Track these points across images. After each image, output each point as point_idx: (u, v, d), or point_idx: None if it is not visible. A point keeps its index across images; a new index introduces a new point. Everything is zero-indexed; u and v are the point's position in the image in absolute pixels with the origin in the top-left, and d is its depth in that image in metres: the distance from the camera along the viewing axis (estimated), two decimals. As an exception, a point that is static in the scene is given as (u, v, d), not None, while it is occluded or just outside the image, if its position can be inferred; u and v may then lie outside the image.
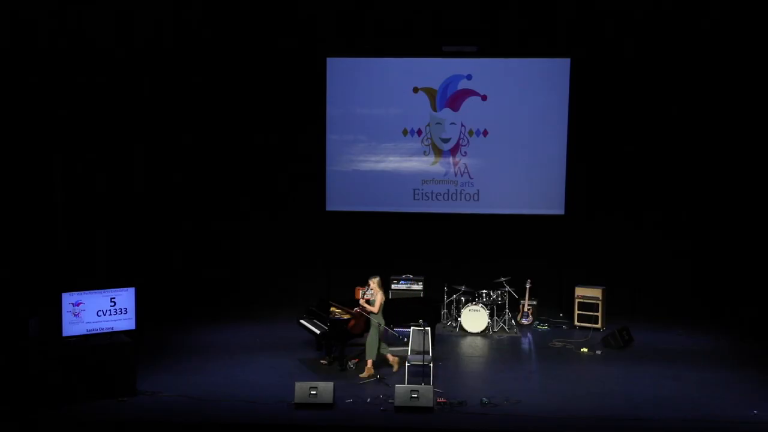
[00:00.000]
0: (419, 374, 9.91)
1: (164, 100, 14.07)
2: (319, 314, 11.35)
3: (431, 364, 9.98)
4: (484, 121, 14.75)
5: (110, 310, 9.69)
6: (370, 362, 10.54)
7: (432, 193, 14.93)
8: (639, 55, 13.98)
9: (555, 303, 14.75)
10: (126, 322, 9.80)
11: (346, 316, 10.96)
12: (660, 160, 14.26)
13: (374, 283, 10.56)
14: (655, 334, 13.06)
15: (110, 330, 9.70)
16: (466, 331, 12.99)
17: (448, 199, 14.90)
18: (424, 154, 14.91)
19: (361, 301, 10.56)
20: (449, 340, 12.60)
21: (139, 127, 13.63)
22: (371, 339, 10.56)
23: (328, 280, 14.84)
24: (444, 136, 14.85)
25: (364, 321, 10.68)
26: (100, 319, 9.63)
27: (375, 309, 10.47)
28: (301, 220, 14.92)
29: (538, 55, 14.50)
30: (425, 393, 9.12)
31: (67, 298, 9.46)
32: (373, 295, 10.56)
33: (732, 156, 13.92)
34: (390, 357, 10.82)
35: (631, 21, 13.50)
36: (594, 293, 13.45)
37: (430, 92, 14.83)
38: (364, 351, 11.32)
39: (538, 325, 13.69)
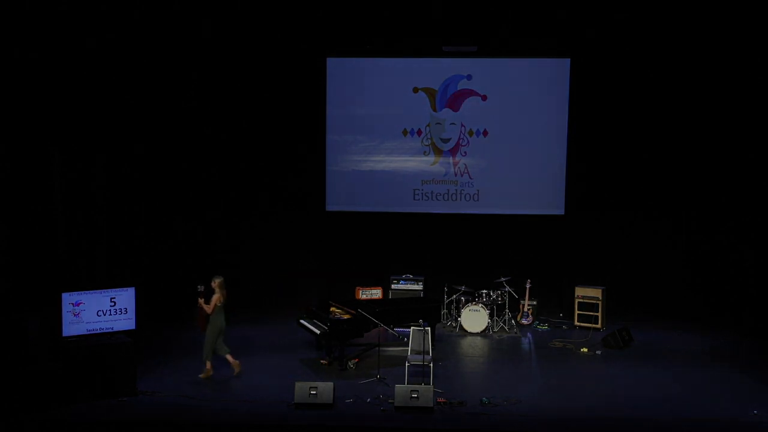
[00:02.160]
0: (419, 374, 9.92)
1: (164, 99, 14.06)
2: (319, 314, 11.35)
3: (431, 364, 9.99)
4: (484, 121, 14.75)
5: (110, 310, 9.69)
6: (208, 364, 10.27)
7: (432, 193, 14.93)
8: (639, 55, 13.98)
9: (555, 303, 14.74)
10: (126, 322, 9.80)
11: (346, 316, 10.96)
12: (660, 159, 14.27)
13: (215, 283, 10.22)
14: (655, 334, 13.06)
15: (110, 330, 9.70)
16: (466, 331, 12.99)
17: (448, 199, 14.90)
18: (424, 154, 14.91)
19: (200, 301, 10.18)
20: (449, 340, 12.60)
21: (138, 127, 13.62)
22: (207, 338, 10.26)
23: (328, 280, 14.84)
24: (444, 136, 14.85)
25: (203, 319, 10.37)
26: (100, 319, 9.63)
27: (209, 309, 10.15)
28: (301, 220, 14.92)
29: (538, 55, 14.51)
30: (425, 393, 9.12)
31: (67, 298, 9.46)
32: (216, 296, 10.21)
33: (732, 156, 13.91)
34: (230, 358, 10.39)
35: (631, 21, 13.48)
36: (594, 293, 13.45)
37: (430, 92, 14.83)
38: (363, 351, 11.34)
39: (538, 325, 13.69)
